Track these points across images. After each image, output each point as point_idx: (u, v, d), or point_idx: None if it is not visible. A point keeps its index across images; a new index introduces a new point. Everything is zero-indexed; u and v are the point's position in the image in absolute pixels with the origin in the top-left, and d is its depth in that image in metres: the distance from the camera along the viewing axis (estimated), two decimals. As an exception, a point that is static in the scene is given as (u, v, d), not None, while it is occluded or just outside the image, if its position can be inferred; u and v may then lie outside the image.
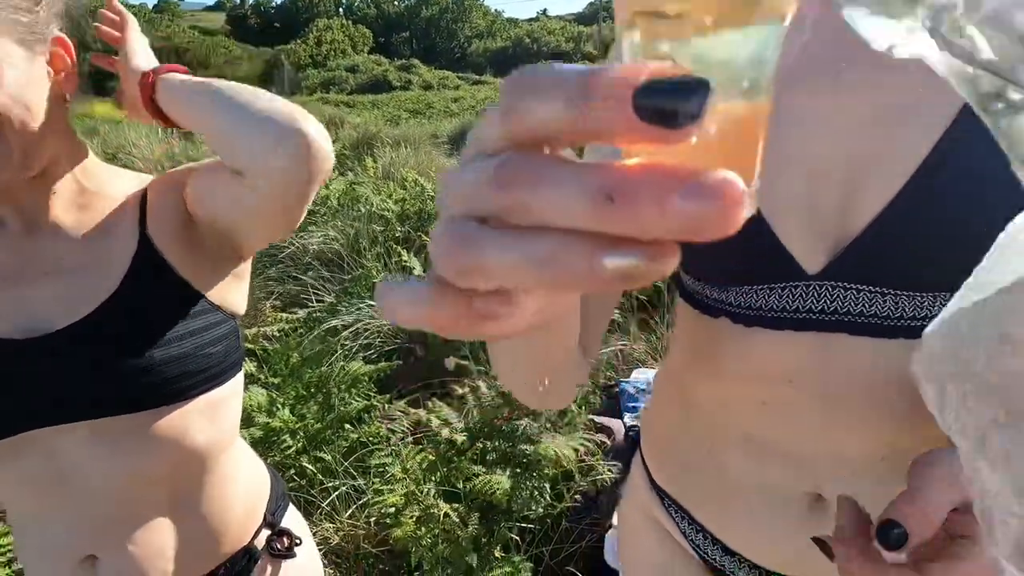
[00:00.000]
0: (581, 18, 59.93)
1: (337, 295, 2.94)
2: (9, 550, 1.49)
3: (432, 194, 4.53)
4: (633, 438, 1.15)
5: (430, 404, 1.74)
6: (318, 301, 3.02)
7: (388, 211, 4.23)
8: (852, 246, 0.42)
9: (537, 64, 0.15)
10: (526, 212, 0.15)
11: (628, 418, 1.76)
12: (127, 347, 0.63)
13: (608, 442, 1.66)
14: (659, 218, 0.13)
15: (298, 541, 0.79)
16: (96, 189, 0.68)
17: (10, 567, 1.46)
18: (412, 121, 19.60)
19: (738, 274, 0.47)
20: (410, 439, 1.82)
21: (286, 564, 0.78)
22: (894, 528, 0.31)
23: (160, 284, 0.66)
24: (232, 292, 0.72)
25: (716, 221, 0.13)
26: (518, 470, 1.41)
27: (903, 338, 0.42)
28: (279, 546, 0.77)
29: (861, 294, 0.42)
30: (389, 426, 1.94)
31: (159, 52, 0.75)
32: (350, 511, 1.72)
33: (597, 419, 1.73)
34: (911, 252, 0.41)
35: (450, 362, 1.94)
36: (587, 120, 0.14)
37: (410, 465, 1.63)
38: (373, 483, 1.60)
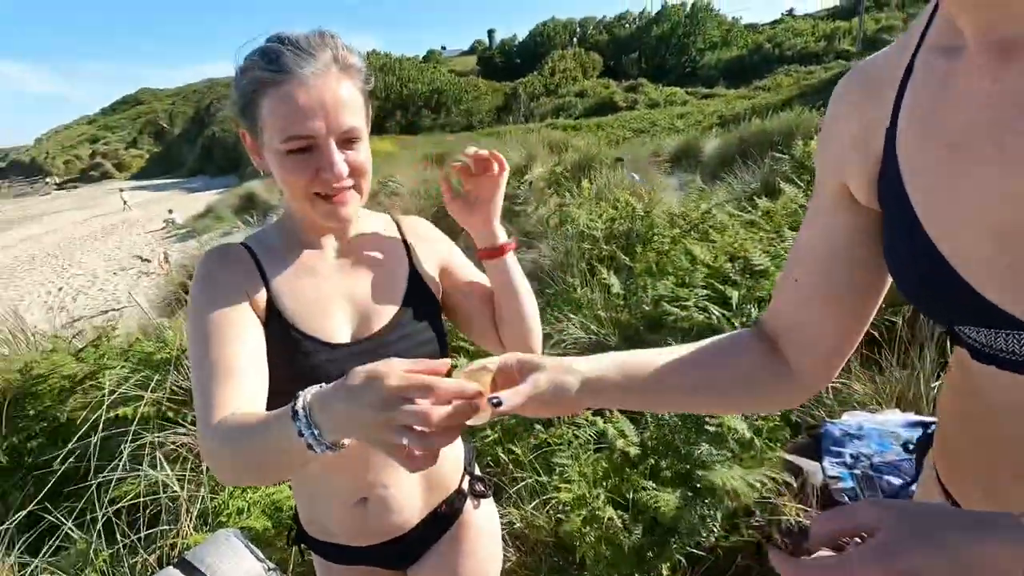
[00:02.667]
0: (836, 13, 52.83)
1: (540, 308, 3.20)
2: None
3: (642, 213, 4.57)
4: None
5: (613, 415, 1.82)
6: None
7: (596, 230, 4.41)
8: None
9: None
10: None
11: (828, 463, 1.59)
12: (416, 339, 0.89)
13: (794, 483, 1.53)
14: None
15: (490, 487, 1.07)
16: (362, 228, 0.94)
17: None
18: (635, 140, 19.72)
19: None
20: (592, 447, 1.93)
21: (483, 502, 1.04)
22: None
23: (427, 304, 0.93)
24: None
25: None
26: (689, 493, 1.40)
27: None
28: (479, 487, 1.04)
29: None
30: (575, 432, 2.07)
31: (425, 94, 1.01)
32: (533, 503, 1.89)
33: (790, 457, 1.60)
34: None
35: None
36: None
37: (586, 470, 1.74)
38: (553, 480, 1.74)
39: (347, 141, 0.78)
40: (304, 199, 0.80)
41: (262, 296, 0.83)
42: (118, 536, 1.88)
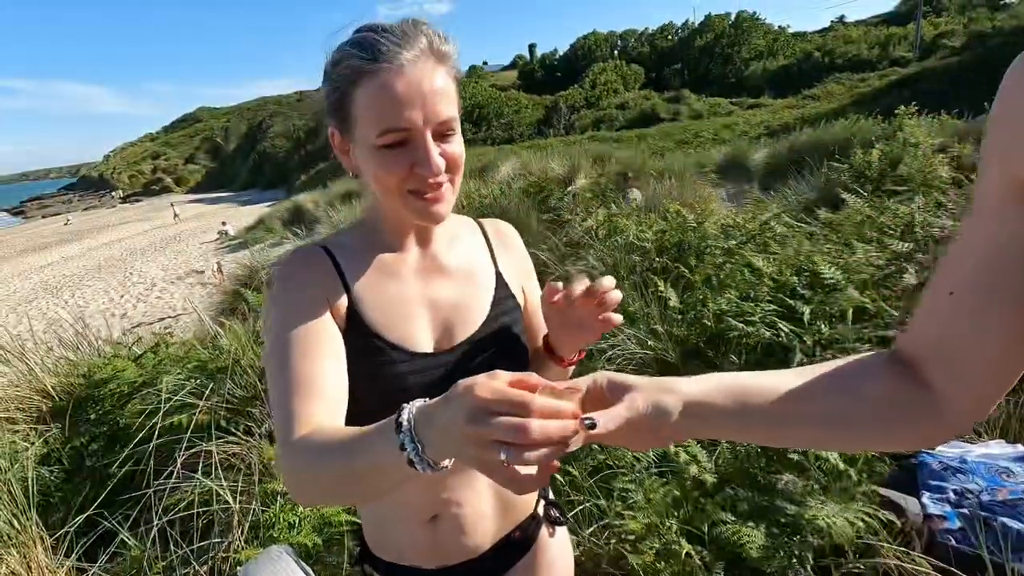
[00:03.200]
0: (892, 18, 50.86)
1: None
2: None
3: (693, 225, 4.41)
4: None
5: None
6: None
7: (647, 241, 4.28)
8: None
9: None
10: None
11: (928, 499, 1.42)
12: (502, 351, 0.84)
13: (897, 522, 1.37)
14: None
15: (565, 516, 0.99)
16: (446, 230, 0.89)
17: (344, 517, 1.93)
18: (678, 152, 19.38)
19: None
20: (655, 469, 1.80)
21: (558, 530, 0.98)
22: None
23: (512, 313, 0.88)
24: None
25: None
26: (775, 530, 1.27)
27: None
28: (555, 513, 0.97)
29: None
30: (634, 453, 1.95)
31: (466, 108, 0.96)
32: (591, 529, 1.78)
33: (883, 491, 1.44)
34: None
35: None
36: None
37: (652, 496, 1.62)
38: (616, 506, 1.63)
39: (443, 134, 0.73)
40: (397, 196, 0.75)
41: (343, 302, 0.78)
42: (171, 545, 1.88)
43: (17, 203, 76.30)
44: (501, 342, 0.84)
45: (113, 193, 67.36)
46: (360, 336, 0.77)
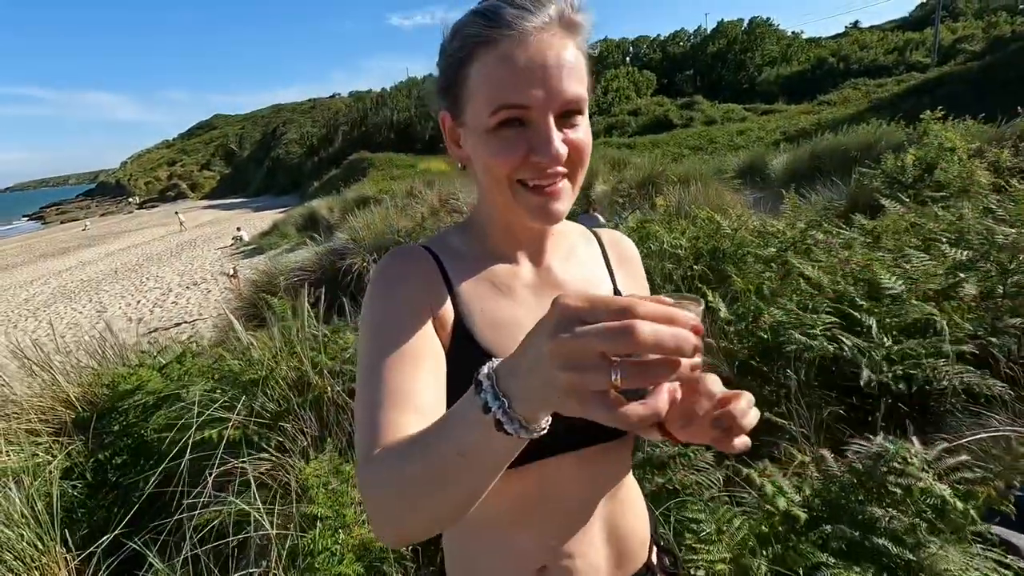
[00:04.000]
0: (907, 23, 50.33)
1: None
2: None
3: (728, 231, 4.27)
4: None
5: (758, 464, 1.55)
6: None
7: (680, 248, 4.14)
8: None
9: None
10: None
11: (1050, 539, 1.27)
12: None
13: (1014, 565, 1.22)
14: None
15: (679, 564, 0.88)
16: (562, 239, 0.78)
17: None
18: (694, 157, 19.18)
19: None
20: (724, 495, 1.66)
21: None
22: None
23: None
24: None
25: None
26: (885, 573, 1.13)
27: None
28: (668, 562, 0.85)
29: None
30: (695, 477, 1.81)
31: None
32: (654, 560, 1.64)
33: (998, 530, 1.29)
34: None
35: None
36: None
37: (725, 527, 1.48)
38: (687, 539, 1.49)
39: (567, 116, 0.61)
40: (508, 188, 0.63)
41: (449, 313, 0.68)
42: (203, 570, 1.76)
43: (37, 209, 77.70)
44: None
45: (130, 199, 68.26)
46: (467, 354, 0.66)
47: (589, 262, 0.79)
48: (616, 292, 0.78)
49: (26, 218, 69.98)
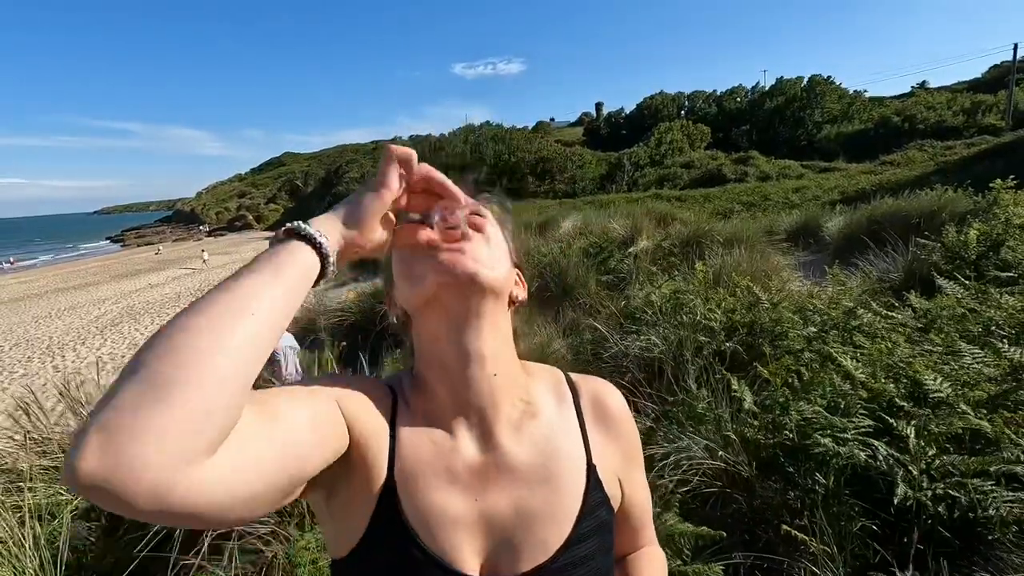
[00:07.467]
0: (980, 85, 48.56)
1: (656, 417, 2.83)
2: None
3: (768, 304, 4.10)
4: None
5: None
6: (635, 412, 2.98)
7: (714, 321, 3.99)
8: None
9: None
10: None
11: None
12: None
13: None
14: None
15: None
16: (528, 389, 0.69)
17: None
18: (745, 214, 18.73)
19: None
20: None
21: None
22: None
23: (603, 522, 0.66)
24: None
25: None
26: None
27: None
28: None
29: None
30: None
31: (531, 162, 0.84)
32: None
33: None
34: None
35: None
36: None
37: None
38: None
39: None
40: (423, 257, 0.68)
41: (381, 460, 0.61)
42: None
43: (119, 232, 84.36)
44: (586, 564, 0.62)
45: (201, 227, 72.98)
46: (392, 531, 0.59)
47: (555, 430, 0.67)
48: (589, 464, 0.66)
49: (108, 240, 76.12)
